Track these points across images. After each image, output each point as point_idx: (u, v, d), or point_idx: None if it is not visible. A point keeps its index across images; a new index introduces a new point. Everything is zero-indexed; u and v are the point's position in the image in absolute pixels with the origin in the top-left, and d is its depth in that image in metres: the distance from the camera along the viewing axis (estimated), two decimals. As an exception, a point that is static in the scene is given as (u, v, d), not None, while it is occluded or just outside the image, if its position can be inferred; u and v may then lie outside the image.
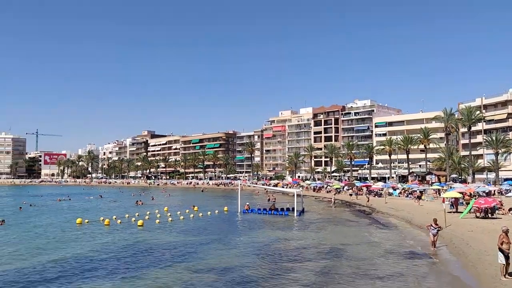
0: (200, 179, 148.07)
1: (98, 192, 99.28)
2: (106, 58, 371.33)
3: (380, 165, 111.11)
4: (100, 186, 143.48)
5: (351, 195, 67.29)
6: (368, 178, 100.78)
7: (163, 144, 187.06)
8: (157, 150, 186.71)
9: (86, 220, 39.28)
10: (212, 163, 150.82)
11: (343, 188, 76.59)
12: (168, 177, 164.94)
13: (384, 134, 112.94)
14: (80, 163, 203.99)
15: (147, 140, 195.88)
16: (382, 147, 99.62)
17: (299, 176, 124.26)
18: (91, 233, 32.05)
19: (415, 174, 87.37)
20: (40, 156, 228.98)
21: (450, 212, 37.51)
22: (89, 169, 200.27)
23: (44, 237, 30.34)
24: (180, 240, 28.69)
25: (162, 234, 31.66)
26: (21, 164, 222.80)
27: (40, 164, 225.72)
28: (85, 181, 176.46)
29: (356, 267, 20.05)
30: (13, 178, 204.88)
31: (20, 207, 55.76)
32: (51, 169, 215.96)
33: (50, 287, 17.21)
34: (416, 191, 58.16)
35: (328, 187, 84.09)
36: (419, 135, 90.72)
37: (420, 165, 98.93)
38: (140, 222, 36.91)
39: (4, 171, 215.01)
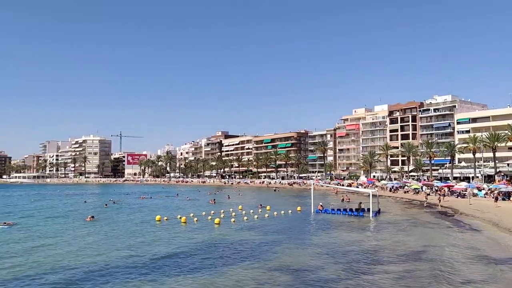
0: (273, 178, 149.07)
1: (175, 190, 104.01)
2: (181, 61, 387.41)
3: (463, 164, 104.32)
4: (178, 185, 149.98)
5: (428, 194, 64.10)
6: (450, 178, 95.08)
7: (236, 144, 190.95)
8: (231, 150, 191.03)
9: (165, 218, 41.32)
10: (284, 162, 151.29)
11: (421, 188, 73.07)
12: (241, 176, 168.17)
13: (468, 131, 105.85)
14: (159, 163, 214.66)
15: (221, 141, 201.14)
16: (465, 145, 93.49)
17: (374, 176, 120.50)
18: (169, 230, 33.70)
19: (502, 174, 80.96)
20: (124, 157, 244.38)
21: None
22: (168, 168, 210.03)
23: (127, 233, 32.53)
24: (255, 238, 29.19)
25: (238, 232, 32.42)
26: (107, 164, 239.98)
27: (124, 164, 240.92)
28: (164, 180, 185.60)
29: (437, 271, 19.13)
30: (100, 177, 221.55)
31: (106, 204, 60.27)
32: (133, 169, 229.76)
33: (129, 279, 18.46)
34: (502, 191, 53.94)
35: (406, 187, 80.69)
36: (507, 131, 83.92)
37: (508, 164, 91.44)
38: (216, 220, 38.12)
39: (93, 171, 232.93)
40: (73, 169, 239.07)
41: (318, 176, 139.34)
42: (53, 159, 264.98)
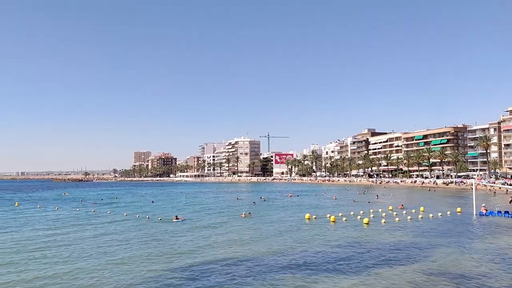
0: (426, 177, 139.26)
1: (321, 189, 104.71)
2: (325, 59, 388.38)
3: None
4: (324, 184, 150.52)
5: None
6: None
7: (383, 141, 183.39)
8: (378, 148, 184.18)
9: (314, 216, 41.86)
10: (439, 160, 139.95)
11: None
12: (390, 175, 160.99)
13: None
14: (305, 162, 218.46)
15: (367, 139, 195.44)
16: None
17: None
18: (319, 229, 34.11)
19: None
20: (272, 156, 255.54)
21: None
22: (313, 167, 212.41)
23: (278, 229, 34.07)
24: (409, 240, 27.78)
25: (390, 233, 31.24)
26: (257, 164, 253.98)
27: (272, 163, 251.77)
28: (310, 179, 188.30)
29: None
30: (251, 176, 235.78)
31: (254, 202, 63.88)
32: (281, 168, 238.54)
33: (281, 274, 19.30)
34: None
35: None
36: None
37: None
38: (366, 220, 37.30)
39: (244, 170, 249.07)
40: (227, 168, 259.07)
41: (480, 174, 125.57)
42: (210, 159, 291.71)
